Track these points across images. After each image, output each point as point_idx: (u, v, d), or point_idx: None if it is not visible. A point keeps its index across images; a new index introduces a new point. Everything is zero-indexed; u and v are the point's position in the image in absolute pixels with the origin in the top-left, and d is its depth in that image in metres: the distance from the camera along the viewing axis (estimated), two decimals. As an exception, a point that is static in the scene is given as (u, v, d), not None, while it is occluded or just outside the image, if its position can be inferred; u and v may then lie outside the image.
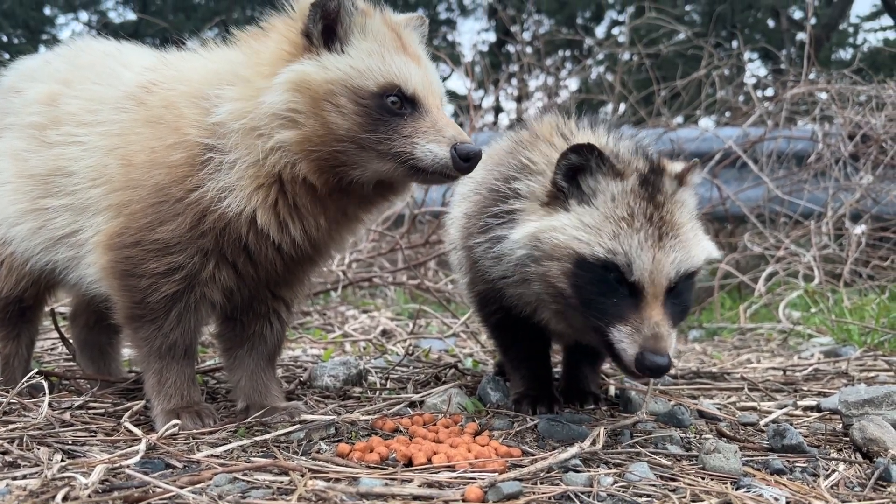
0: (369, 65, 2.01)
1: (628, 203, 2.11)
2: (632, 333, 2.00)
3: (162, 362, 2.18)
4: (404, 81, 2.02)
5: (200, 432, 2.10)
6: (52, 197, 2.26)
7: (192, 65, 2.26)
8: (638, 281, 2.02)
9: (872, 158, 6.91)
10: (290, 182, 2.04)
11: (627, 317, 2.01)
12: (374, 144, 1.98)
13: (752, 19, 21.54)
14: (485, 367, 3.48)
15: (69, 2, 25.24)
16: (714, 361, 4.09)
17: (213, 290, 2.16)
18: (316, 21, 2.02)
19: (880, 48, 10.96)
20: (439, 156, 1.97)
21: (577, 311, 2.11)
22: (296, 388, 2.82)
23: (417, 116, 2.01)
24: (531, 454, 2.01)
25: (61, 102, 2.32)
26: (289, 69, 1.99)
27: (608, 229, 2.08)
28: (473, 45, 22.40)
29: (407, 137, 1.98)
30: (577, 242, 2.08)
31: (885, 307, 4.77)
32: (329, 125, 1.97)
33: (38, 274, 2.47)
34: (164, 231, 2.06)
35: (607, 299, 2.04)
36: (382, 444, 1.97)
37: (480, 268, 2.44)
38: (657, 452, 2.08)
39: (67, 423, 2.17)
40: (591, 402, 2.69)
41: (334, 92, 1.97)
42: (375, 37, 2.06)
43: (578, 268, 2.08)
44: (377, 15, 2.12)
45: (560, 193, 2.20)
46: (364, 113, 1.97)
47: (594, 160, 2.15)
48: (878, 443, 2.10)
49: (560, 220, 2.14)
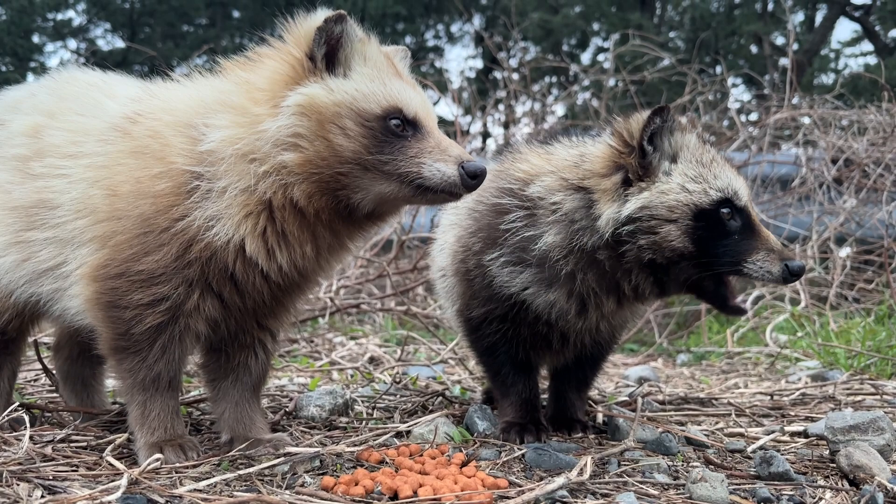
0: (372, 89, 2.06)
1: (703, 149, 2.38)
2: (767, 255, 2.26)
3: (146, 394, 2.16)
4: (406, 104, 2.07)
5: (184, 466, 2.08)
6: (36, 230, 2.25)
7: (177, 94, 2.27)
8: (745, 206, 2.31)
9: (855, 182, 6.97)
10: (280, 209, 2.05)
11: (755, 246, 2.27)
12: (379, 165, 2.02)
13: (736, 45, 21.87)
14: (473, 395, 3.47)
15: (58, 30, 25.33)
16: (702, 386, 4.09)
17: (198, 321, 2.15)
18: (320, 45, 2.06)
19: (861, 73, 11.12)
20: (447, 174, 2.02)
21: (695, 264, 2.28)
22: (281, 418, 2.79)
23: (420, 138, 2.06)
24: (518, 485, 2.00)
25: (45, 134, 2.32)
26: (297, 92, 2.02)
27: (706, 174, 2.31)
28: (461, 72, 22.61)
29: (413, 157, 2.03)
30: (691, 196, 2.28)
31: (870, 330, 4.79)
32: (334, 147, 2.00)
33: (23, 306, 2.44)
34: (149, 262, 2.05)
35: (729, 239, 2.27)
36: (368, 476, 1.95)
37: (494, 285, 2.50)
38: (644, 481, 2.07)
39: (49, 458, 2.14)
40: (578, 430, 2.68)
41: (340, 114, 2.01)
42: (374, 63, 2.12)
43: (697, 220, 2.26)
44: (373, 43, 2.16)
45: (643, 160, 2.32)
46: (370, 135, 2.02)
47: (670, 120, 2.32)
48: (864, 469, 2.10)
49: (665, 184, 2.30)
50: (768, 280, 2.29)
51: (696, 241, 2.26)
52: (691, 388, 4.04)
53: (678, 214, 2.26)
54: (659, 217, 2.27)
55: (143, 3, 28.10)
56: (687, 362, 5.31)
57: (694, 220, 2.26)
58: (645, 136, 2.31)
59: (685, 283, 2.36)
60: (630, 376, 4.32)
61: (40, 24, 25.97)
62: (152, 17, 28.13)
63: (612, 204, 2.31)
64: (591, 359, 2.76)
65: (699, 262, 2.28)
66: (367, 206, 2.10)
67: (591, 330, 2.56)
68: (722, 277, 2.34)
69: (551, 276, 2.43)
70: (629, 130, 2.35)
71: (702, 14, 21.69)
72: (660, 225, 2.26)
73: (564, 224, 2.39)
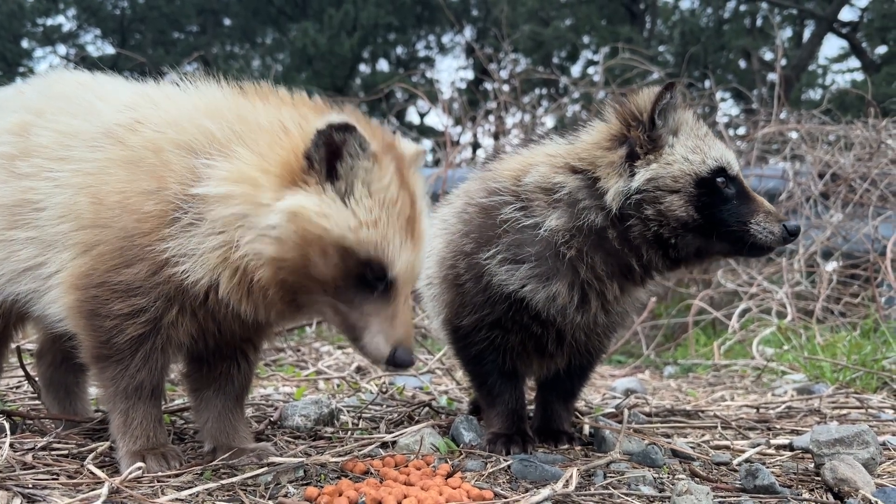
0: (368, 235, 1.90)
1: (698, 124, 2.49)
2: (767, 217, 2.38)
3: (128, 402, 2.13)
4: (391, 264, 1.94)
5: (166, 475, 2.05)
6: (18, 229, 2.21)
7: (180, 106, 2.17)
8: (737, 175, 2.42)
9: (842, 197, 7.03)
10: (246, 272, 1.99)
11: (754, 209, 2.38)
12: (336, 304, 1.97)
13: (724, 60, 22.05)
14: (459, 405, 3.45)
15: (47, 35, 25.24)
16: (688, 399, 4.10)
17: (179, 333, 2.11)
18: (319, 147, 1.90)
19: (848, 89, 11.24)
20: (381, 352, 1.96)
21: (699, 233, 2.37)
22: (265, 427, 2.77)
23: (385, 300, 1.97)
24: (504, 496, 1.99)
25: (33, 133, 2.27)
26: (292, 199, 1.88)
27: (702, 146, 2.41)
28: (452, 83, 22.70)
29: (366, 316, 1.96)
30: (692, 165, 2.37)
31: (856, 344, 4.82)
32: (308, 262, 1.91)
33: (2, 308, 2.41)
34: (128, 273, 2.03)
35: (729, 204, 2.37)
36: (352, 487, 1.93)
37: (491, 285, 2.50)
38: (630, 493, 2.07)
39: (29, 466, 2.11)
40: (564, 441, 2.67)
41: (324, 240, 1.89)
42: (382, 200, 1.93)
43: (698, 187, 2.35)
44: (390, 167, 1.96)
45: (653, 133, 2.40)
46: (344, 272, 1.92)
47: (676, 96, 2.42)
48: (848, 483, 2.10)
49: (671, 156, 2.38)
50: (770, 241, 2.37)
51: (699, 209, 2.35)
52: (678, 400, 4.05)
53: (681, 184, 2.35)
54: (664, 188, 2.35)
55: (134, 9, 28.06)
56: (674, 374, 5.32)
57: (696, 187, 2.35)
58: (656, 110, 2.40)
59: (699, 255, 2.47)
60: (617, 388, 4.32)
61: (30, 29, 25.88)
62: (143, 24, 28.08)
63: (618, 178, 2.38)
64: (578, 369, 2.76)
65: (705, 232, 2.38)
66: (313, 315, 2.08)
67: (588, 326, 2.54)
68: (728, 248, 2.43)
69: (552, 268, 2.44)
70: (637, 105, 2.43)
71: (691, 28, 21.87)
72: (664, 196, 2.35)
73: (566, 206, 2.43)
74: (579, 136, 2.55)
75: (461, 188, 2.88)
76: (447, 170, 6.95)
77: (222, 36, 28.46)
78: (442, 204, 2.99)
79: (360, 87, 24.71)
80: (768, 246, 2.40)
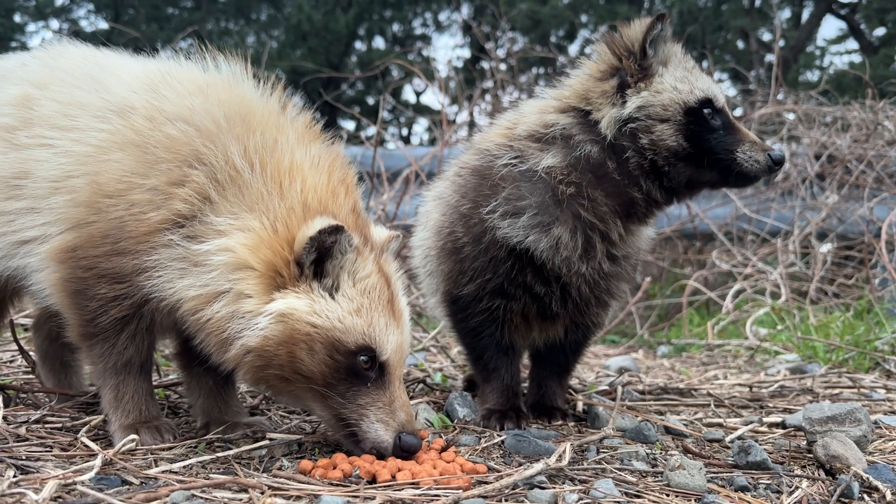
0: (355, 323, 1.94)
1: (686, 57, 2.55)
2: (752, 146, 2.42)
3: (118, 378, 2.13)
4: (381, 346, 1.96)
5: (159, 448, 2.06)
6: (13, 199, 2.18)
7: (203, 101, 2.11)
8: (723, 107, 2.47)
9: (838, 178, 7.04)
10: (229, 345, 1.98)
11: (740, 139, 2.43)
12: (325, 397, 1.97)
13: (722, 41, 21.93)
14: (454, 382, 3.46)
15: (40, 10, 24.98)
16: (682, 377, 4.11)
17: (163, 315, 2.10)
18: (310, 253, 1.93)
19: (846, 70, 11.22)
20: (383, 440, 1.97)
21: (690, 162, 2.43)
22: (260, 402, 2.77)
23: (379, 387, 1.99)
24: (497, 471, 1.99)
25: (36, 105, 2.22)
26: (282, 302, 1.90)
27: (690, 77, 2.48)
28: (448, 61, 22.52)
29: (360, 408, 1.97)
30: (681, 94, 2.43)
31: (849, 325, 4.84)
32: (295, 359, 1.91)
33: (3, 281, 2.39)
34: (116, 262, 2.01)
35: (716, 133, 2.42)
36: (346, 460, 1.93)
37: (494, 240, 2.49)
38: (623, 469, 2.08)
39: (22, 438, 2.11)
40: (558, 417, 2.68)
41: (313, 337, 1.90)
42: (365, 288, 1.99)
43: (687, 116, 2.41)
44: (370, 256, 2.05)
45: (644, 62, 2.47)
46: (333, 367, 1.93)
47: (667, 28, 2.49)
48: (840, 459, 2.12)
49: (660, 84, 2.45)
50: (756, 170, 2.43)
51: (688, 138, 2.41)
52: (671, 378, 4.06)
53: (671, 112, 2.42)
54: (655, 116, 2.42)
55: (128, -16, 27.71)
56: (667, 354, 5.34)
57: (684, 116, 2.42)
58: (648, 40, 2.46)
59: (689, 185, 2.51)
60: (611, 366, 4.33)
61: (22, 4, 25.58)
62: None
63: (611, 107, 2.46)
64: (573, 343, 2.76)
65: (695, 161, 2.43)
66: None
67: (593, 278, 2.53)
68: (716, 177, 2.48)
69: (552, 214, 2.45)
70: (629, 36, 2.50)
71: (689, 8, 21.72)
72: (655, 125, 2.42)
73: (561, 141, 2.48)
74: (565, 81, 2.62)
75: (452, 162, 2.87)
76: (443, 149, 6.92)
77: (216, 12, 28.17)
78: (436, 180, 2.97)
79: (356, 64, 24.50)
80: (754, 174, 2.45)
